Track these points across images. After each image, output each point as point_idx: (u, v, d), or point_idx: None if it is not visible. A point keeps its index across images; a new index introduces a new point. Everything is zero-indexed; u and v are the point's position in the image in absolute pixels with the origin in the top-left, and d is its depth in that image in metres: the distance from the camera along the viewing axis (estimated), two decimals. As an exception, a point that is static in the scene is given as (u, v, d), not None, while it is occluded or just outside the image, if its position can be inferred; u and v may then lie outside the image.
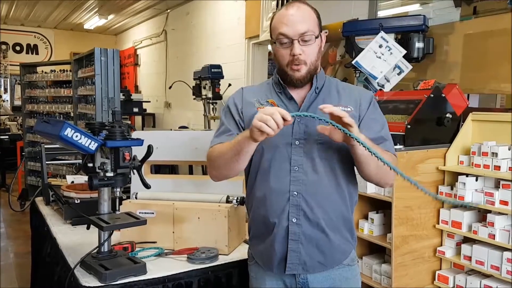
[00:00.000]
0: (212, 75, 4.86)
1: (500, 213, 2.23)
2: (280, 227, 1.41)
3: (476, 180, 2.35)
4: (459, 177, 2.37)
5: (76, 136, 1.43)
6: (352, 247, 1.51)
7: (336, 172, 1.42)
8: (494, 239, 2.21)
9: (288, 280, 1.47)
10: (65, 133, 1.41)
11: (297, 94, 1.45)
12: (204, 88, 5.06)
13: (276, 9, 4.41)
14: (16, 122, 7.94)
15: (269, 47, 5.37)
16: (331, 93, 1.47)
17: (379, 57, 2.81)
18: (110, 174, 1.55)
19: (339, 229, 1.45)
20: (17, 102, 9.16)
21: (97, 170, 1.57)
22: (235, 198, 1.84)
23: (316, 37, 1.39)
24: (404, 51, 2.79)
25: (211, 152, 1.46)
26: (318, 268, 1.44)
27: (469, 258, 2.34)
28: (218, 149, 1.43)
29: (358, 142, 1.22)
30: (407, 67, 2.86)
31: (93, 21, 8.43)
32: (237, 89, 1.57)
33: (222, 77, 4.93)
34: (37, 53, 9.64)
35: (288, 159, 1.40)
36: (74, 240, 1.90)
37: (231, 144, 1.36)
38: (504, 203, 2.20)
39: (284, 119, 1.21)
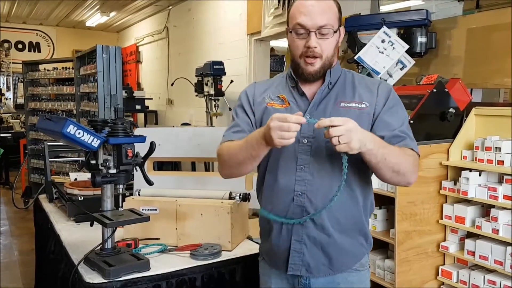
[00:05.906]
0: (214, 71, 4.85)
1: (503, 208, 2.22)
2: (284, 226, 1.38)
3: (480, 175, 2.34)
4: (463, 172, 2.36)
5: (79, 133, 1.43)
6: (366, 252, 1.46)
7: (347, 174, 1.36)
8: (497, 234, 2.21)
9: (291, 280, 1.44)
10: (68, 130, 1.41)
11: (308, 89, 1.41)
12: (206, 84, 5.05)
13: (278, 4, 4.39)
14: (19, 120, 7.96)
15: (271, 43, 5.36)
16: (345, 88, 1.40)
17: (382, 52, 2.80)
18: (113, 171, 1.56)
19: (348, 232, 1.39)
20: (20, 100, 9.20)
21: (100, 167, 1.57)
22: (238, 194, 1.85)
23: (335, 32, 1.34)
24: (406, 46, 2.77)
25: (222, 150, 1.42)
26: (324, 271, 1.39)
27: (473, 253, 2.34)
28: (229, 149, 1.39)
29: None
30: (409, 62, 2.85)
31: (95, 19, 8.44)
32: (250, 84, 1.55)
33: (224, 74, 4.93)
34: (39, 51, 9.66)
35: (295, 158, 1.36)
36: (77, 237, 1.91)
37: (244, 145, 1.32)
38: (508, 198, 2.19)
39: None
